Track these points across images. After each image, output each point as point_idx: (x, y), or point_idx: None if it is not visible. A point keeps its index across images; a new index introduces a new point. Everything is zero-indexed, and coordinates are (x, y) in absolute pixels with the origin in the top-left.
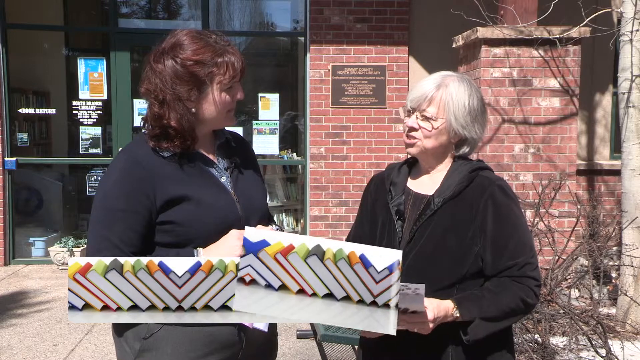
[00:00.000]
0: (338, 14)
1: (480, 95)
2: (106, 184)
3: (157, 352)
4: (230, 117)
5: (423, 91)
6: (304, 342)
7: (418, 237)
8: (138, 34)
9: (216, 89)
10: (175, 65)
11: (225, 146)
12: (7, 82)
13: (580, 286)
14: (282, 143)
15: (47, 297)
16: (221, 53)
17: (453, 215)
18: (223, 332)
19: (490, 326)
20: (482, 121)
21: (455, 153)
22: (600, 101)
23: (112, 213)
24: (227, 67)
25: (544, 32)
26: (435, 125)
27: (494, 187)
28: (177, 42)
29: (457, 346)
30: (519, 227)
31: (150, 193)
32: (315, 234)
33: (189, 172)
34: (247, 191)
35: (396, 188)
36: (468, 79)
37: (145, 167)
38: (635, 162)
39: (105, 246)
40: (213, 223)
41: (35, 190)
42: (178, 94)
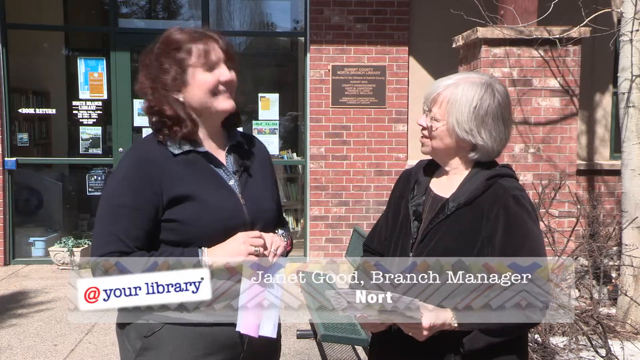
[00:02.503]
0: (338, 14)
1: (498, 101)
2: (114, 180)
3: (158, 351)
4: (223, 100)
5: (434, 89)
6: (304, 342)
7: (429, 239)
8: (138, 34)
9: (194, 72)
10: (157, 56)
11: (237, 148)
12: (7, 82)
13: (580, 286)
14: (282, 143)
15: (47, 297)
16: (194, 39)
17: (465, 221)
18: (224, 333)
19: (490, 338)
20: (496, 129)
21: (468, 158)
22: (600, 101)
23: (119, 209)
24: (200, 51)
25: (544, 32)
26: (437, 127)
27: (508, 197)
28: (163, 37)
29: (457, 355)
30: (529, 239)
31: (157, 190)
32: (315, 233)
33: (196, 172)
34: (255, 195)
35: (419, 187)
36: (490, 82)
37: (153, 164)
38: (635, 162)
39: (111, 240)
40: (217, 224)
41: (35, 190)
42: (164, 83)
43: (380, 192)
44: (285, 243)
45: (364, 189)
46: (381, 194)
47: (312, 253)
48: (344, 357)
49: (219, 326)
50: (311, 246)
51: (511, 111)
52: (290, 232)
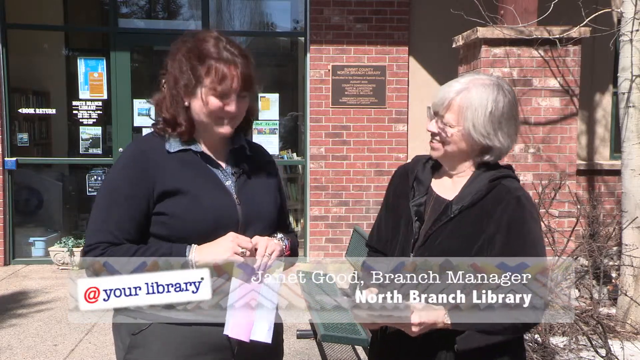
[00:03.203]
0: (338, 14)
1: (509, 100)
2: (113, 171)
3: (145, 349)
4: (220, 126)
5: (444, 95)
6: (304, 342)
7: (431, 241)
8: (138, 34)
9: (205, 91)
10: (183, 54)
11: (239, 152)
12: (7, 82)
13: (580, 286)
14: (282, 143)
15: (47, 297)
16: (221, 59)
17: (467, 224)
18: (213, 334)
19: (485, 338)
20: (510, 128)
21: (478, 160)
22: (600, 101)
23: (114, 198)
24: (219, 75)
25: (544, 32)
26: (451, 132)
27: (511, 198)
28: (196, 38)
29: (448, 352)
30: (530, 241)
31: (150, 181)
32: (315, 233)
33: (190, 169)
34: (252, 197)
35: (420, 187)
36: (498, 82)
37: (149, 158)
38: (635, 162)
39: (102, 229)
40: (206, 221)
41: (35, 190)
42: (178, 82)
43: (381, 192)
44: (283, 247)
45: (364, 189)
46: (381, 194)
47: (312, 253)
48: (344, 357)
49: (208, 326)
50: (311, 246)
51: (519, 109)
52: (296, 239)
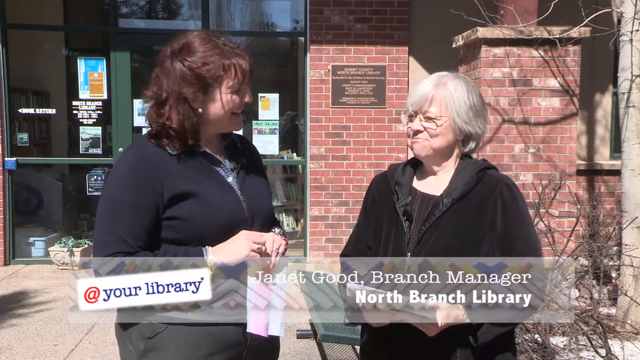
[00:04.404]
0: (338, 14)
1: (478, 91)
2: (114, 179)
3: (162, 352)
4: (237, 122)
5: (422, 93)
6: (304, 342)
7: (427, 238)
8: (138, 34)
9: (224, 92)
10: (183, 67)
11: (231, 147)
12: (7, 82)
13: (580, 286)
14: (282, 143)
15: (47, 297)
16: (229, 56)
17: (462, 215)
18: (227, 332)
19: (498, 329)
20: (484, 115)
21: (464, 149)
22: (600, 101)
23: (120, 207)
24: (235, 70)
25: (544, 32)
26: (440, 124)
27: (502, 186)
28: (187, 43)
29: (465, 348)
30: (525, 226)
31: (157, 187)
32: (315, 233)
33: (196, 170)
34: (253, 192)
35: (402, 188)
36: (463, 76)
37: (153, 162)
38: (635, 162)
39: (113, 240)
40: (219, 221)
41: (35, 190)
42: (184, 94)
43: None
44: (284, 242)
45: (364, 189)
46: None
47: (312, 253)
48: (344, 357)
49: (221, 326)
50: (311, 246)
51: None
52: (285, 230)
